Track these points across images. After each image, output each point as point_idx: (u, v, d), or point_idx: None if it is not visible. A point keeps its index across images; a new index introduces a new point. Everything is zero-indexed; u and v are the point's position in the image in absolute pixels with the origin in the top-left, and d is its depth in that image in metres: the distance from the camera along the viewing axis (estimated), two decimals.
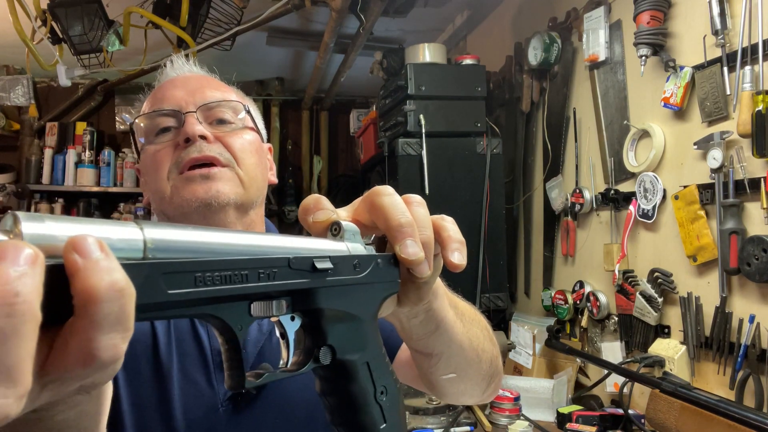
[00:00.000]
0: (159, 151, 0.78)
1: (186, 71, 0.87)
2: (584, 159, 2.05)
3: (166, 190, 0.77)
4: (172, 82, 0.85)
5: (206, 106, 0.80)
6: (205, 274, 0.32)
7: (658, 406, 1.41)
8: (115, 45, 2.18)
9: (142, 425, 0.72)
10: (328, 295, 0.41)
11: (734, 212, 1.38)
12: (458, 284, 2.47)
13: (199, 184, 0.75)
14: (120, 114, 4.25)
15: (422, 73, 2.21)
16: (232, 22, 2.31)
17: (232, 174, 0.78)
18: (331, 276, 0.41)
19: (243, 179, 0.79)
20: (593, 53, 1.93)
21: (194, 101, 0.80)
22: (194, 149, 0.76)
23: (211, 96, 0.81)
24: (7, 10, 2.08)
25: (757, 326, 1.33)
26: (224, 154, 0.78)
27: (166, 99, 0.81)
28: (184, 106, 0.79)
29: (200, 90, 0.82)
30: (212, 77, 0.89)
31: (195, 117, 0.78)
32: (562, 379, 1.85)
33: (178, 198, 0.76)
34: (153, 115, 0.80)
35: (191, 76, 0.86)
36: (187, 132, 0.76)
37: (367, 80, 3.42)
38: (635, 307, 1.70)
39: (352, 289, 0.43)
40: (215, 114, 0.81)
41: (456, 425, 1.65)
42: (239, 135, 0.81)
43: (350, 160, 4.62)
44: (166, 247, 0.31)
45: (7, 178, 3.88)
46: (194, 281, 0.32)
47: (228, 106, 0.82)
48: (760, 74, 1.32)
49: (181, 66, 0.87)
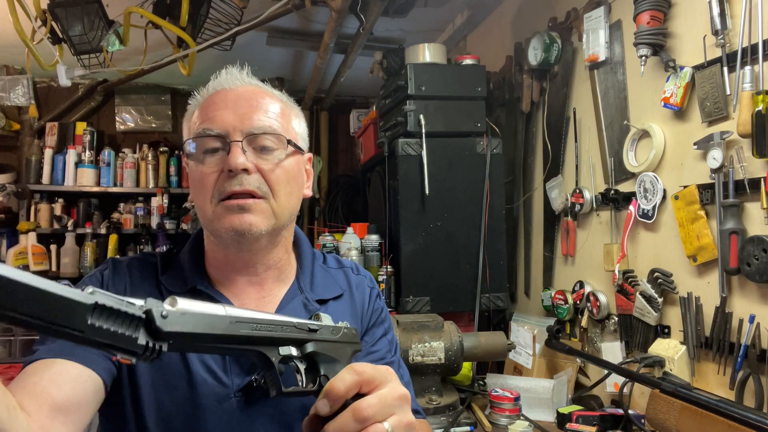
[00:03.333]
0: (206, 176, 0.87)
1: (239, 85, 0.91)
2: (584, 159, 2.05)
3: (209, 212, 0.88)
4: (224, 99, 0.90)
5: (253, 134, 0.87)
6: (257, 325, 0.65)
7: (658, 406, 1.41)
8: (115, 45, 2.18)
9: (160, 404, 0.84)
10: (318, 345, 0.72)
11: (734, 212, 1.38)
12: (459, 284, 2.46)
13: (236, 215, 0.85)
14: (120, 114, 4.26)
15: (422, 73, 2.21)
16: (232, 22, 2.31)
17: (266, 206, 0.87)
18: (319, 334, 0.73)
19: (276, 210, 0.89)
20: (593, 53, 1.93)
21: (242, 128, 0.86)
22: (236, 182, 0.85)
23: (258, 123, 0.87)
24: (7, 10, 2.08)
25: (757, 326, 1.33)
26: (262, 187, 0.87)
27: (216, 120, 0.87)
28: (231, 133, 0.86)
29: (249, 115, 0.87)
30: (265, 90, 0.93)
31: (240, 147, 0.85)
32: (562, 379, 1.85)
33: (218, 224, 0.87)
34: (202, 133, 0.88)
35: (243, 92, 0.90)
36: (230, 164, 0.84)
37: (367, 80, 3.42)
38: (635, 307, 1.70)
39: (332, 344, 0.75)
40: (259, 141, 0.88)
41: (456, 425, 1.65)
42: (278, 165, 0.89)
43: (350, 160, 4.62)
44: (235, 316, 0.63)
45: (7, 178, 3.88)
46: (251, 328, 0.64)
47: (272, 135, 0.89)
48: (760, 74, 1.32)
49: (235, 79, 0.92)
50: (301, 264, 1.01)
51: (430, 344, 1.70)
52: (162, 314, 0.54)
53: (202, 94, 0.94)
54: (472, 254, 2.20)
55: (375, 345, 1.02)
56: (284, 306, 0.94)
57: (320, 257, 1.07)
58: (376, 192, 2.55)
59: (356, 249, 2.28)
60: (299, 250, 1.03)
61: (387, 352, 1.03)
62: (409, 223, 2.16)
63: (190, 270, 0.94)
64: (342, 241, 2.36)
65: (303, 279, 0.99)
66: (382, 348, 1.03)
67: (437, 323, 1.78)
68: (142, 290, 0.91)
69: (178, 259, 0.97)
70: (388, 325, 1.07)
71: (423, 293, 2.13)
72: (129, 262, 0.95)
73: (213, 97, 0.91)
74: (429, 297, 2.13)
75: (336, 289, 1.01)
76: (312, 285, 0.99)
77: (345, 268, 1.07)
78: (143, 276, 0.93)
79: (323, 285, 1.00)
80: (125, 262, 0.95)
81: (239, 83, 0.91)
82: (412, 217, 2.16)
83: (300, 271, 1.00)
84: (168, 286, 0.92)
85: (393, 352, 1.05)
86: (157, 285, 0.92)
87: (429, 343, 1.70)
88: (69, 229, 3.93)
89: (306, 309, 0.95)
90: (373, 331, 1.03)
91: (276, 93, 0.95)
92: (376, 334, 1.04)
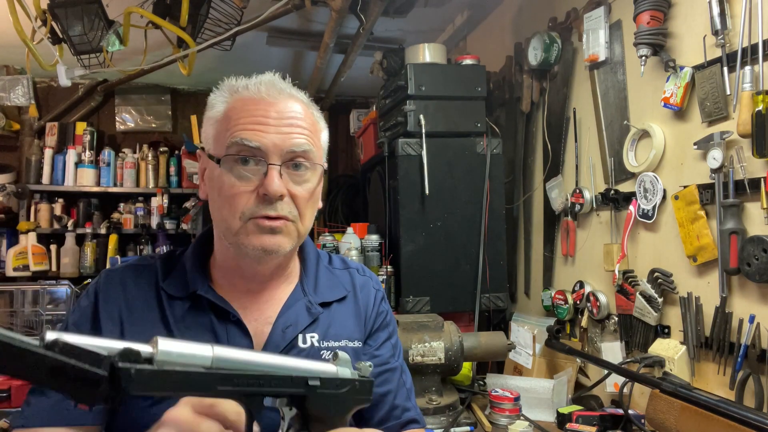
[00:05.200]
0: (239, 194, 0.87)
1: (280, 99, 0.90)
2: (584, 159, 2.05)
3: (235, 225, 0.88)
4: (265, 113, 0.88)
5: (293, 155, 0.88)
6: (240, 380, 0.59)
7: (658, 406, 1.41)
8: (115, 45, 2.18)
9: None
10: (313, 401, 0.66)
11: (734, 212, 1.38)
12: (458, 284, 2.45)
13: (267, 236, 0.87)
14: (120, 114, 4.26)
15: (422, 73, 2.20)
16: (232, 22, 2.30)
17: (294, 228, 0.90)
18: (318, 389, 0.66)
19: (300, 231, 0.92)
20: (593, 53, 1.93)
21: (281, 151, 0.87)
22: (271, 208, 0.86)
23: (297, 147, 0.88)
24: (7, 10, 2.08)
25: (757, 326, 1.33)
26: (293, 212, 0.89)
27: (257, 135, 0.86)
28: (272, 153, 0.86)
29: (289, 137, 0.88)
30: (302, 104, 0.93)
31: (278, 171, 0.86)
32: (562, 379, 1.85)
33: (245, 239, 0.87)
34: (239, 143, 0.86)
35: (286, 109, 0.90)
36: (268, 190, 0.85)
37: (367, 80, 3.42)
38: (635, 307, 1.70)
39: (332, 398, 0.67)
40: (294, 160, 0.89)
41: (456, 425, 1.65)
42: (307, 188, 0.91)
43: (350, 160, 4.62)
44: (224, 359, 0.59)
45: (7, 178, 3.88)
46: (233, 384, 0.58)
47: (310, 154, 0.90)
48: (760, 74, 1.32)
49: (278, 92, 0.90)
50: (305, 266, 1.01)
51: (430, 344, 1.70)
52: (131, 373, 0.49)
53: (235, 89, 0.91)
54: (472, 254, 2.20)
55: (378, 349, 1.02)
56: (287, 309, 0.94)
57: (325, 258, 1.07)
58: (376, 192, 2.55)
59: (356, 249, 2.28)
60: (303, 252, 1.03)
61: (390, 357, 1.03)
62: (409, 223, 2.16)
63: (192, 273, 0.93)
64: (342, 241, 2.36)
65: (307, 281, 0.99)
66: (385, 353, 1.02)
67: (437, 323, 1.78)
68: (140, 299, 0.90)
69: (181, 261, 0.97)
70: (392, 329, 1.07)
71: (423, 293, 2.13)
72: (123, 272, 0.94)
73: (253, 104, 0.89)
74: (429, 297, 2.13)
75: (340, 291, 1.01)
76: (316, 287, 0.99)
77: (350, 269, 1.07)
78: (140, 284, 0.92)
79: (327, 287, 1.00)
80: (119, 271, 0.94)
81: (282, 97, 0.90)
82: (412, 217, 2.16)
83: (304, 273, 1.00)
84: (169, 291, 0.91)
85: (396, 357, 1.04)
86: (157, 291, 0.92)
87: (429, 343, 1.70)
88: (69, 229, 3.93)
89: (309, 312, 0.95)
90: (377, 335, 1.03)
91: (311, 105, 0.96)
92: (379, 338, 1.03)
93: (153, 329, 0.87)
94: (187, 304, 0.91)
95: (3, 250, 3.81)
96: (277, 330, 0.91)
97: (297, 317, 0.94)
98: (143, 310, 0.90)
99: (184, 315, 0.90)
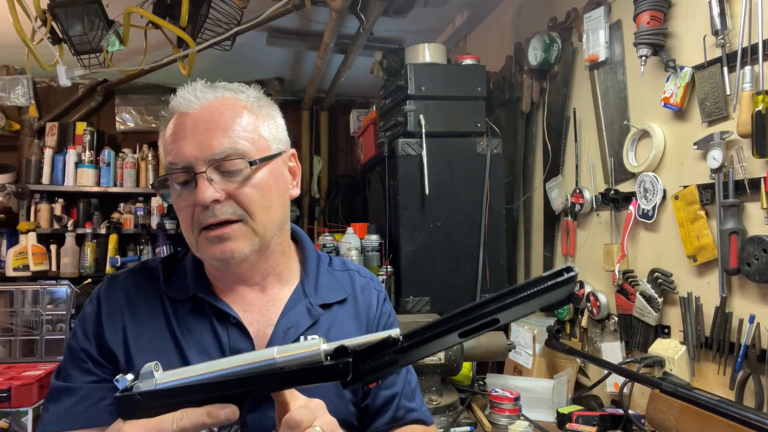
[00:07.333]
0: (183, 209, 0.88)
1: (195, 107, 0.87)
2: (584, 159, 2.05)
3: (192, 240, 0.90)
4: (182, 126, 0.87)
5: (215, 161, 0.85)
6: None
7: (658, 406, 1.41)
8: (115, 45, 2.18)
9: None
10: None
11: (734, 212, 1.38)
12: (459, 284, 2.44)
13: (216, 246, 0.86)
14: (120, 114, 4.26)
15: (422, 73, 2.21)
16: (232, 22, 2.30)
17: (245, 228, 0.87)
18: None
19: (256, 229, 0.88)
20: (593, 53, 1.93)
21: (203, 157, 0.85)
22: (209, 213, 0.85)
23: (219, 148, 0.85)
24: (7, 10, 2.08)
25: (757, 326, 1.33)
26: (237, 212, 0.86)
27: (179, 154, 0.86)
28: (195, 164, 0.85)
29: (208, 141, 0.85)
30: (223, 101, 0.89)
31: (205, 179, 0.84)
32: (562, 379, 1.85)
33: (204, 251, 0.88)
34: (169, 169, 0.88)
35: (200, 114, 0.87)
36: (198, 200, 0.84)
37: (367, 80, 3.42)
38: (635, 307, 1.70)
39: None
40: (224, 166, 0.86)
41: (456, 425, 1.65)
42: (248, 185, 0.87)
43: (350, 160, 4.62)
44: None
45: (7, 178, 3.88)
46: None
47: (235, 155, 0.86)
48: (760, 74, 1.32)
49: (189, 101, 0.88)
50: (305, 267, 1.01)
51: None
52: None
53: (169, 109, 0.91)
54: (472, 254, 2.20)
55: None
56: (288, 310, 0.94)
57: (326, 259, 1.06)
58: (376, 192, 2.55)
59: (356, 249, 2.28)
60: (303, 254, 1.03)
61: None
62: (409, 223, 2.16)
63: (192, 277, 0.95)
64: (342, 241, 2.36)
65: (307, 283, 0.98)
66: None
67: None
68: (144, 304, 0.92)
69: (183, 263, 0.98)
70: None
71: (423, 293, 2.13)
72: (126, 278, 0.96)
73: (174, 121, 0.89)
74: (429, 297, 2.13)
75: (340, 293, 1.00)
76: (316, 289, 0.98)
77: (351, 270, 1.06)
78: (141, 290, 0.94)
79: (328, 289, 1.00)
80: (122, 277, 0.96)
81: (195, 104, 0.87)
82: (412, 217, 2.16)
83: (304, 274, 1.00)
84: (171, 295, 0.93)
85: None
86: (160, 296, 0.93)
87: None
88: (69, 229, 3.93)
89: (309, 314, 0.94)
90: None
91: (240, 97, 0.91)
92: None
93: (158, 334, 0.89)
94: (188, 307, 0.92)
95: (3, 250, 3.81)
96: (278, 331, 0.91)
97: (298, 319, 0.93)
98: (147, 315, 0.91)
99: (186, 318, 0.91)
